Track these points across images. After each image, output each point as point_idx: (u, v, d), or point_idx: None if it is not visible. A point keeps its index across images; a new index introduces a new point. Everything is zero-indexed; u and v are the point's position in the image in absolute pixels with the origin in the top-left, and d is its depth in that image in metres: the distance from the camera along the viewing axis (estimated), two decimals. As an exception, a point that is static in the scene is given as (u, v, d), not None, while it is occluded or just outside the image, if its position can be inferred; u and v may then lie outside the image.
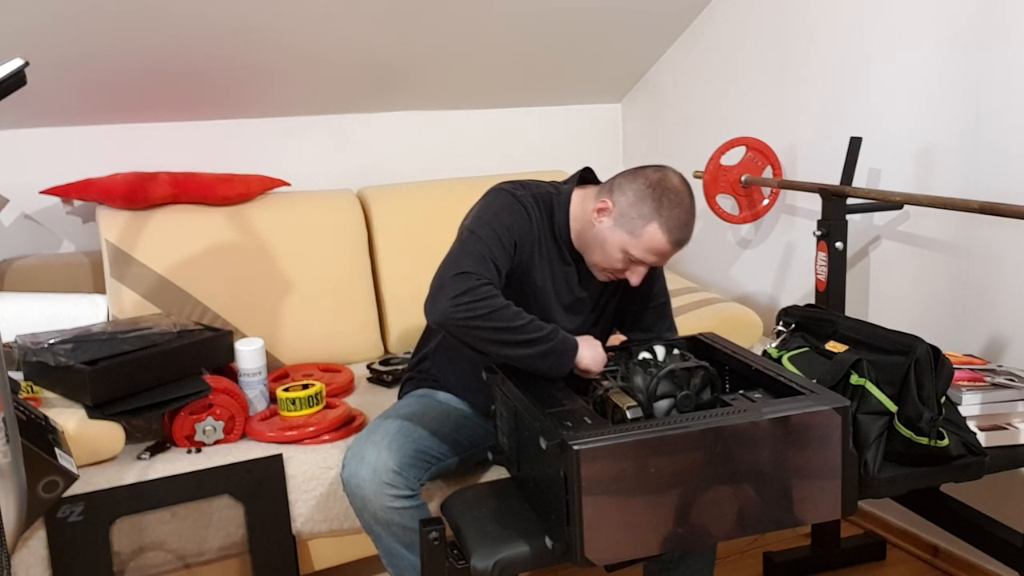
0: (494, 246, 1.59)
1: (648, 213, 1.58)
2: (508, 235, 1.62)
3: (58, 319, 2.14)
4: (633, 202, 1.60)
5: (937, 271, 2.12)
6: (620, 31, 2.77)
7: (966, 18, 1.97)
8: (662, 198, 1.58)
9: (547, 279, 1.72)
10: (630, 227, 1.60)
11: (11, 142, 2.43)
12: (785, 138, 2.53)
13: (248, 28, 2.28)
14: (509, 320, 1.50)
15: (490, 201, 1.68)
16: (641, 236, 1.59)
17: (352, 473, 1.62)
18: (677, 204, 1.59)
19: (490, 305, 1.49)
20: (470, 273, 1.51)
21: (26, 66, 1.22)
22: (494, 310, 1.49)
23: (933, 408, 1.50)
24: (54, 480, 1.39)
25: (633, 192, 1.60)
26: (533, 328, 1.51)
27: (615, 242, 1.62)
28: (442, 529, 1.43)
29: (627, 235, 1.60)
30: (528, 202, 1.69)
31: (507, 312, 1.50)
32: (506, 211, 1.65)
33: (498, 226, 1.62)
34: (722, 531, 1.31)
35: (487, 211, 1.65)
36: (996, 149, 1.95)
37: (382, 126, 2.88)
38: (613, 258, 1.63)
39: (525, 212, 1.67)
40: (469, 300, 1.48)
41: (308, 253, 2.47)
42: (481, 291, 1.49)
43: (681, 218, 1.59)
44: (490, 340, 1.50)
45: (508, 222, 1.64)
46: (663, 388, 1.46)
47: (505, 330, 1.49)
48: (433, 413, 1.75)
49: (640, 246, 1.60)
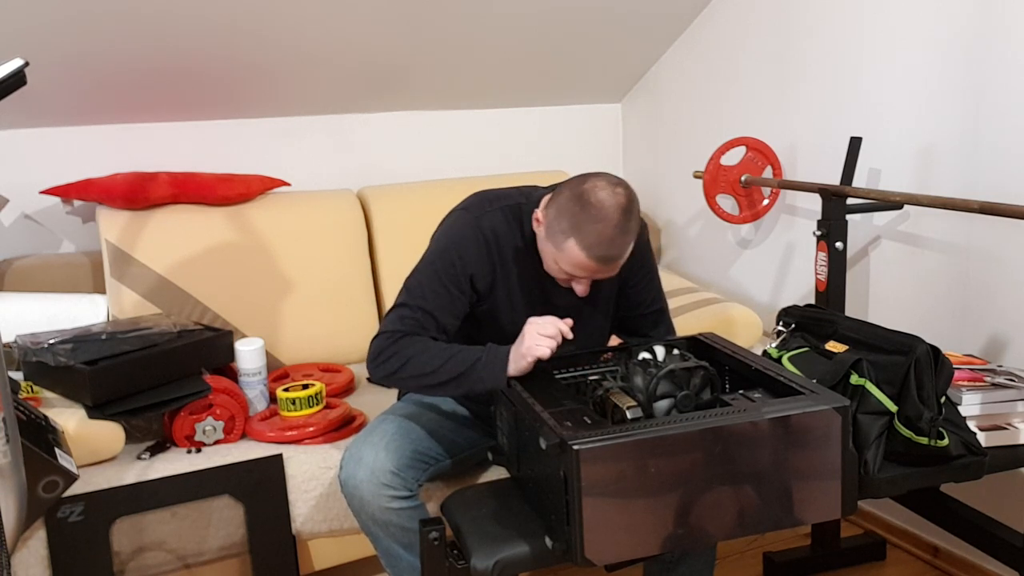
0: (431, 291, 1.63)
1: (567, 228, 1.52)
2: (456, 270, 1.65)
3: (58, 319, 2.14)
4: (556, 216, 1.55)
5: (937, 271, 2.12)
6: (620, 31, 2.77)
7: (966, 18, 1.97)
8: (582, 213, 1.51)
9: (516, 296, 1.70)
10: (555, 241, 1.56)
11: (11, 142, 2.43)
12: (785, 138, 2.53)
13: (248, 28, 2.28)
14: (424, 366, 1.56)
15: (446, 228, 1.71)
16: (564, 251, 1.54)
17: (350, 474, 1.62)
18: (598, 219, 1.50)
19: (402, 357, 1.57)
20: (384, 333, 1.61)
21: (26, 66, 1.23)
22: (406, 361, 1.57)
23: (933, 408, 1.50)
24: (54, 480, 1.39)
25: (557, 206, 1.55)
26: (453, 365, 1.54)
27: (548, 253, 1.60)
28: (442, 529, 1.43)
29: (554, 249, 1.57)
30: (489, 221, 1.68)
31: (421, 359, 1.56)
32: (458, 241, 1.66)
33: (443, 264, 1.65)
34: (722, 531, 1.31)
35: (438, 244, 1.69)
36: (996, 149, 1.95)
37: (382, 126, 2.88)
38: (552, 268, 1.62)
39: (481, 235, 1.66)
40: (383, 359, 1.59)
41: (308, 253, 2.47)
42: (391, 348, 1.59)
43: (603, 234, 1.50)
44: (420, 387, 1.63)
45: (458, 253, 1.65)
46: (663, 388, 1.46)
47: (424, 375, 1.57)
48: (431, 414, 1.75)
49: (564, 261, 1.56)
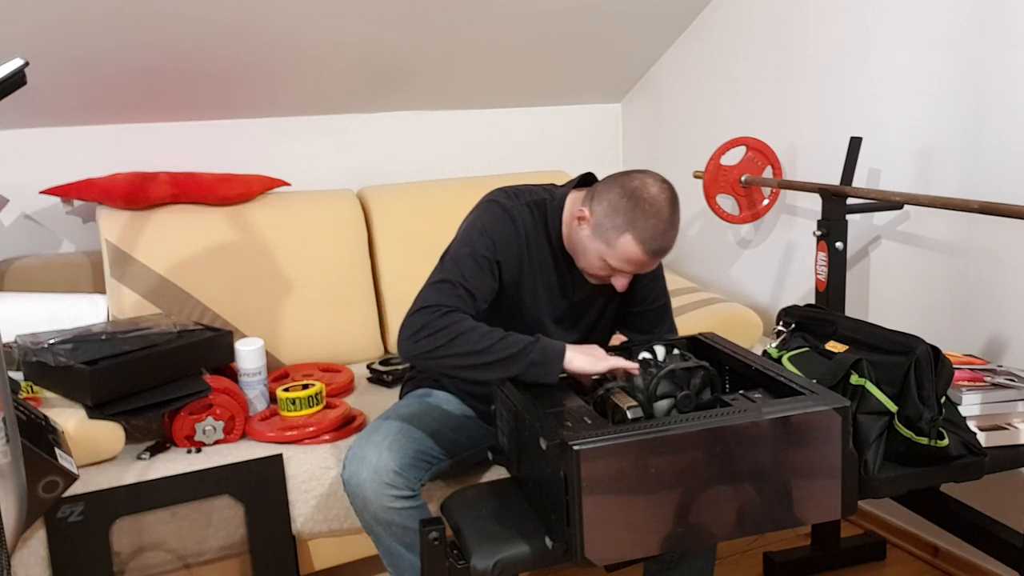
0: (468, 270, 1.60)
1: (622, 224, 1.54)
2: (490, 254, 1.63)
3: (58, 319, 2.14)
4: (608, 212, 1.56)
5: (937, 271, 2.12)
6: (620, 31, 2.77)
7: (966, 18, 1.97)
8: (636, 208, 1.53)
9: (539, 290, 1.71)
10: (605, 237, 1.56)
11: (11, 142, 2.43)
12: (785, 138, 2.53)
13: (248, 28, 2.28)
14: (474, 344, 1.50)
15: (478, 216, 1.69)
16: (616, 247, 1.56)
17: (353, 473, 1.62)
18: (653, 214, 1.53)
19: (451, 332, 1.50)
20: (428, 307, 1.54)
21: (26, 66, 1.23)
22: (455, 336, 1.50)
23: (933, 408, 1.50)
24: (54, 480, 1.39)
25: (608, 202, 1.56)
26: (504, 346, 1.50)
27: (593, 251, 1.60)
28: (442, 529, 1.43)
29: (604, 245, 1.57)
30: (519, 213, 1.68)
31: (471, 336, 1.50)
32: (491, 228, 1.66)
33: (479, 246, 1.63)
34: (722, 531, 1.31)
35: (472, 230, 1.66)
36: (996, 149, 1.95)
37: (382, 126, 2.88)
38: (594, 265, 1.62)
39: (513, 225, 1.67)
40: (427, 334, 1.51)
41: (308, 253, 2.47)
42: (439, 322, 1.51)
43: (657, 228, 1.54)
44: (462, 367, 1.52)
45: (491, 240, 1.64)
46: (663, 388, 1.45)
47: (472, 354, 1.50)
48: (434, 414, 1.75)
49: (616, 256, 1.57)
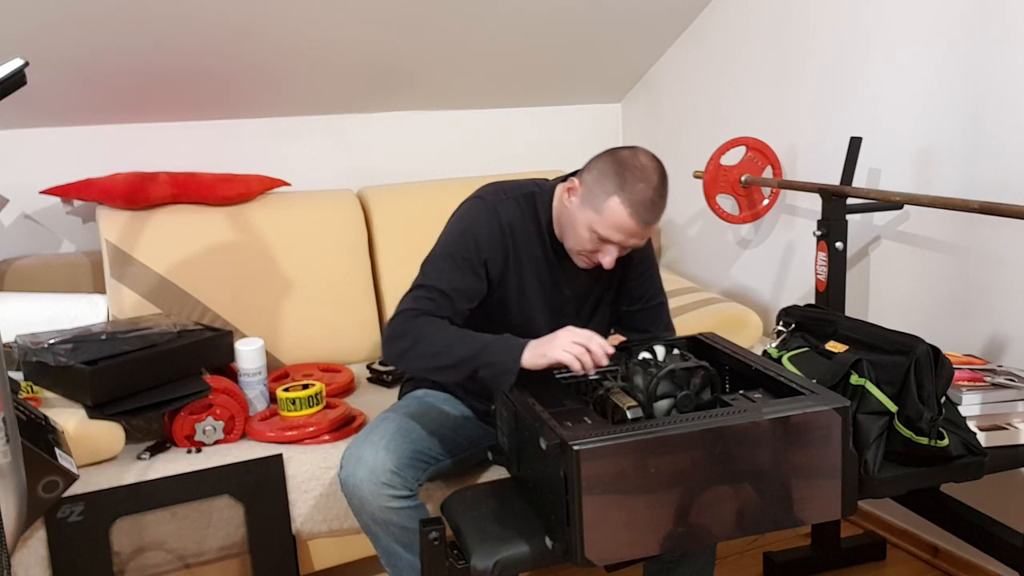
0: (446, 273, 1.63)
1: (611, 188, 1.55)
2: (471, 254, 1.65)
3: (58, 319, 2.14)
4: (597, 178, 1.57)
5: (937, 271, 2.12)
6: (620, 31, 2.77)
7: (966, 18, 1.97)
8: (625, 173, 1.55)
9: (528, 284, 1.71)
10: (594, 204, 1.57)
11: (11, 142, 2.43)
12: (785, 138, 2.53)
13: (248, 28, 2.28)
14: (434, 346, 1.54)
15: (461, 215, 1.71)
16: (604, 212, 1.56)
17: (350, 473, 1.62)
18: (641, 179, 1.54)
19: (414, 337, 1.56)
20: (400, 312, 1.60)
21: (26, 66, 1.23)
22: (417, 340, 1.55)
23: (933, 408, 1.50)
24: (54, 480, 1.39)
25: (598, 169, 1.59)
26: (461, 348, 1.52)
27: (582, 221, 1.60)
28: (442, 529, 1.43)
29: (592, 212, 1.58)
30: (504, 208, 1.69)
31: (433, 339, 1.54)
32: (473, 226, 1.67)
33: (459, 247, 1.65)
34: (722, 531, 1.31)
35: (453, 230, 1.69)
36: (996, 149, 1.95)
37: (382, 126, 2.88)
38: (583, 238, 1.61)
39: (496, 221, 1.67)
40: (396, 338, 1.57)
41: (308, 253, 2.47)
42: (405, 327, 1.57)
43: (645, 194, 1.54)
44: (427, 369, 1.58)
45: (472, 239, 1.65)
46: (663, 388, 1.45)
47: (432, 356, 1.54)
48: (432, 414, 1.75)
49: (604, 223, 1.57)
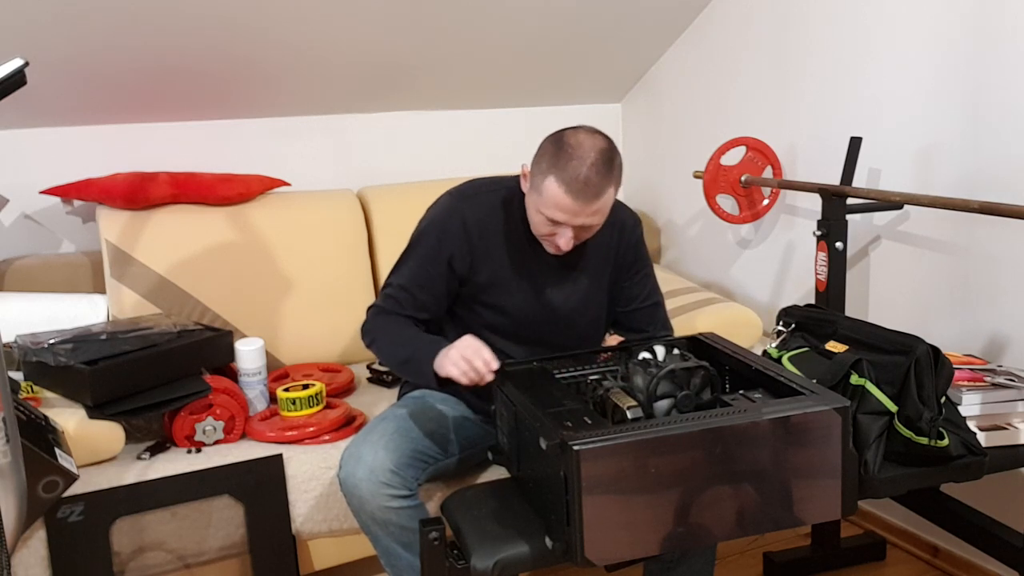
0: (411, 270, 1.73)
1: (545, 168, 1.57)
2: (435, 249, 1.72)
3: (58, 319, 2.14)
4: (536, 160, 1.61)
5: (937, 271, 2.12)
6: (620, 31, 2.77)
7: (966, 18, 1.97)
8: (559, 152, 1.56)
9: (507, 278, 1.74)
10: (536, 185, 1.60)
11: (11, 142, 2.43)
12: (785, 138, 2.53)
13: (248, 28, 2.28)
14: (384, 344, 1.70)
15: (428, 213, 1.79)
16: (544, 192, 1.57)
17: (349, 473, 1.62)
18: (574, 156, 1.54)
19: (373, 333, 1.72)
20: (369, 308, 1.75)
21: (26, 66, 1.23)
22: (375, 338, 1.71)
23: (933, 408, 1.50)
24: (54, 480, 1.39)
25: (540, 151, 1.62)
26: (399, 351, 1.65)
27: (532, 205, 1.63)
28: (442, 529, 1.43)
29: (536, 194, 1.60)
30: (473, 204, 1.74)
31: (384, 338, 1.69)
32: (436, 224, 1.74)
33: (423, 244, 1.73)
34: (722, 531, 1.31)
35: (420, 227, 1.77)
36: (996, 149, 1.95)
37: (382, 126, 2.88)
38: (537, 221, 1.64)
39: (461, 219, 1.71)
40: (364, 333, 1.74)
41: (308, 253, 2.47)
42: (369, 324, 1.73)
43: (578, 170, 1.53)
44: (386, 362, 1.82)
45: (435, 235, 1.72)
46: (663, 388, 1.46)
47: (384, 353, 1.72)
48: (431, 413, 1.75)
49: (545, 203, 1.58)
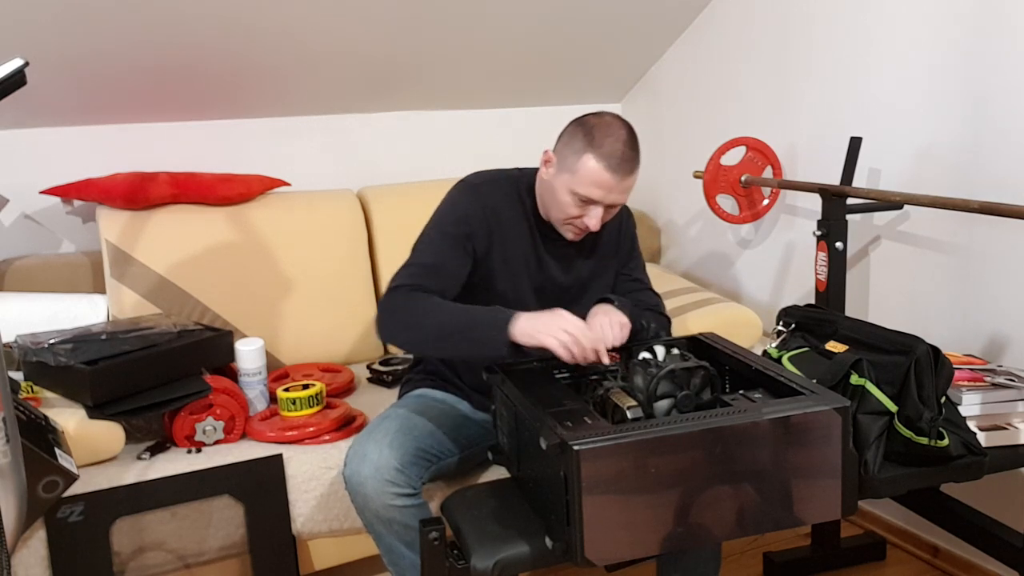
0: (435, 249, 1.69)
1: (580, 147, 1.62)
2: (458, 228, 1.70)
3: (58, 319, 2.14)
4: (567, 141, 1.65)
5: (937, 271, 2.12)
6: (620, 31, 2.77)
7: (966, 18, 1.97)
8: (593, 130, 1.61)
9: (516, 263, 1.76)
10: (568, 166, 1.63)
11: (11, 142, 2.43)
12: (785, 138, 2.53)
13: (248, 28, 2.28)
14: (429, 320, 1.57)
15: (446, 198, 1.77)
16: (579, 170, 1.62)
17: (354, 471, 1.62)
18: (609, 134, 1.61)
19: (409, 311, 1.59)
20: (394, 288, 1.64)
21: (26, 66, 1.22)
22: (412, 315, 1.58)
23: (933, 408, 1.50)
24: (54, 480, 1.39)
25: (567, 134, 1.66)
26: (455, 320, 1.55)
27: (561, 186, 1.65)
28: (442, 529, 1.43)
29: (568, 175, 1.64)
30: (487, 188, 1.75)
31: (427, 313, 1.57)
32: (458, 204, 1.74)
33: (446, 223, 1.71)
34: (722, 531, 1.31)
35: (441, 209, 1.75)
36: (996, 149, 1.95)
37: (382, 126, 2.88)
38: (565, 203, 1.66)
39: (480, 202, 1.73)
40: (390, 313, 1.61)
41: (308, 253, 2.47)
42: (399, 302, 1.61)
43: (614, 146, 1.60)
44: (424, 343, 1.61)
45: (457, 216, 1.72)
46: (663, 388, 1.45)
47: (429, 328, 1.57)
48: (433, 412, 1.75)
49: (581, 181, 1.62)
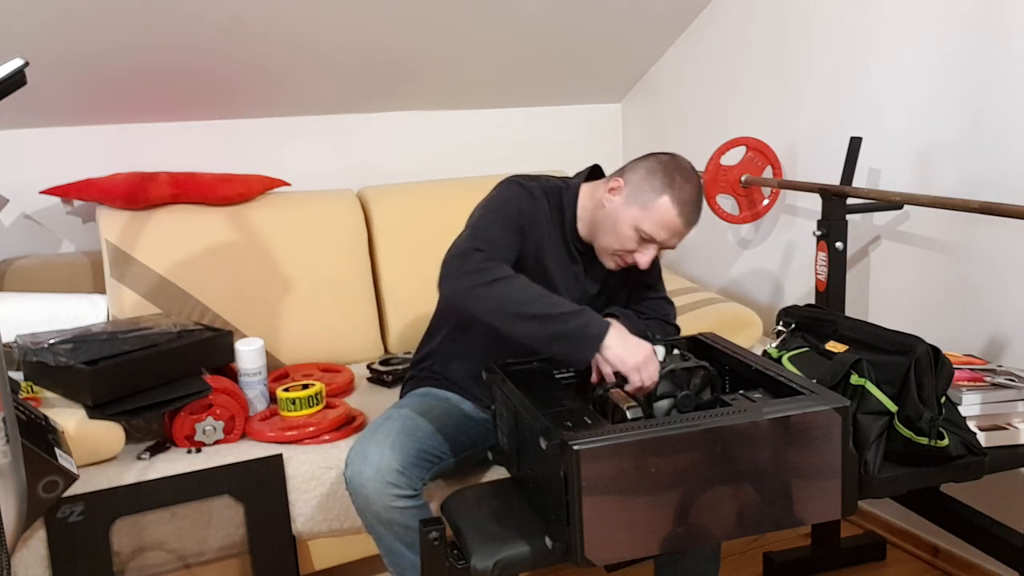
0: (501, 229, 1.63)
1: (660, 187, 1.62)
2: (516, 220, 1.67)
3: (58, 319, 2.14)
4: (645, 177, 1.64)
5: (937, 271, 2.12)
6: (620, 31, 2.77)
7: (966, 18, 1.97)
8: (674, 173, 1.63)
9: (553, 270, 1.75)
10: (642, 201, 1.63)
11: (11, 142, 2.43)
12: (785, 138, 2.53)
13: (248, 28, 2.28)
14: (516, 292, 1.48)
15: (501, 190, 1.73)
16: (652, 209, 1.62)
17: (355, 472, 1.61)
18: (688, 181, 1.63)
19: (495, 274, 1.49)
20: (476, 249, 1.54)
21: (26, 66, 1.22)
22: (497, 279, 1.49)
23: (933, 408, 1.50)
24: (54, 480, 1.39)
25: (645, 168, 1.65)
26: (544, 304, 1.46)
27: (627, 219, 1.65)
28: (442, 529, 1.43)
29: (639, 210, 1.63)
30: (538, 192, 1.73)
31: (514, 283, 1.49)
32: (516, 198, 1.71)
33: (506, 212, 1.67)
34: (722, 531, 1.31)
35: (497, 198, 1.71)
36: (996, 149, 1.95)
37: (382, 126, 2.88)
38: (625, 236, 1.66)
39: (534, 199, 1.72)
40: (474, 269, 1.50)
41: (308, 253, 2.47)
42: (483, 264, 1.51)
43: (692, 194, 1.63)
44: (495, 311, 1.47)
45: (517, 207, 1.69)
46: (663, 388, 1.46)
47: (510, 301, 1.46)
48: (435, 412, 1.75)
49: (651, 219, 1.63)
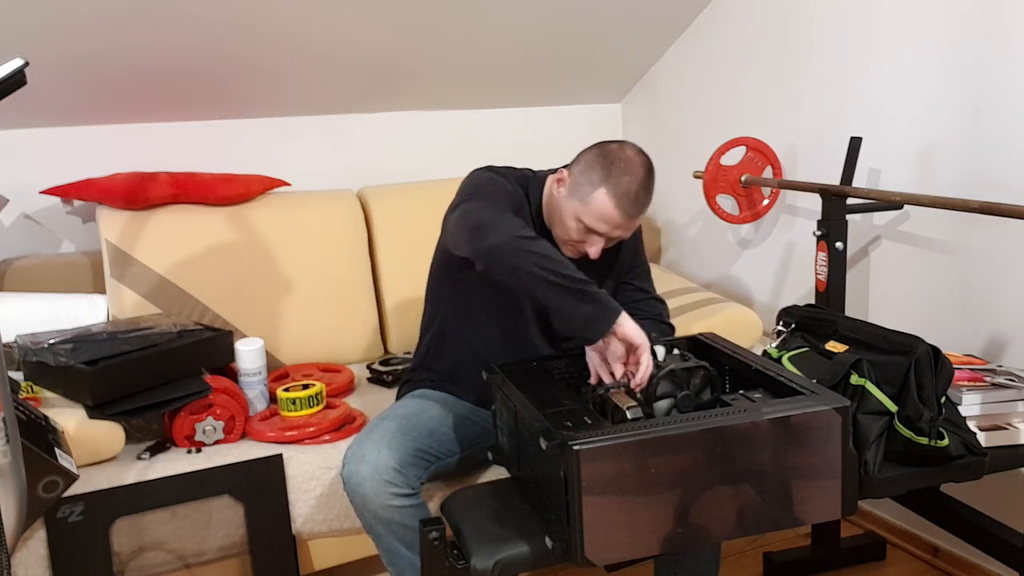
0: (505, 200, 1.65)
1: (596, 180, 1.60)
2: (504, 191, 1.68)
3: (58, 319, 2.14)
4: (584, 170, 1.63)
5: (937, 271, 2.12)
6: (620, 31, 2.77)
7: (966, 18, 1.97)
8: (612, 166, 1.60)
9: None
10: (581, 195, 1.62)
11: (11, 142, 2.43)
12: (785, 138, 2.53)
13: (248, 28, 2.28)
14: (551, 251, 1.47)
15: (480, 174, 1.73)
16: (590, 203, 1.61)
17: (352, 471, 1.62)
18: (627, 172, 1.59)
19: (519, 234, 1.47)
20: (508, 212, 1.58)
21: (26, 66, 1.22)
22: (537, 237, 1.48)
23: (933, 408, 1.50)
24: (54, 480, 1.39)
25: (585, 161, 1.64)
26: (573, 269, 1.45)
27: (569, 211, 1.65)
28: (442, 529, 1.43)
29: (579, 203, 1.63)
30: (511, 180, 1.75)
31: (537, 243, 1.47)
32: (500, 182, 1.72)
33: (495, 188, 1.68)
34: (722, 531, 1.31)
35: (481, 179, 1.70)
36: (996, 149, 1.95)
37: (382, 126, 2.88)
38: (569, 228, 1.66)
39: (508, 184, 1.73)
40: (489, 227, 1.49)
41: (308, 253, 2.47)
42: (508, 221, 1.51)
43: (630, 187, 1.59)
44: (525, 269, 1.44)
45: (504, 188, 1.70)
46: (663, 388, 1.46)
47: (550, 259, 1.45)
48: (432, 412, 1.75)
49: (590, 213, 1.62)
